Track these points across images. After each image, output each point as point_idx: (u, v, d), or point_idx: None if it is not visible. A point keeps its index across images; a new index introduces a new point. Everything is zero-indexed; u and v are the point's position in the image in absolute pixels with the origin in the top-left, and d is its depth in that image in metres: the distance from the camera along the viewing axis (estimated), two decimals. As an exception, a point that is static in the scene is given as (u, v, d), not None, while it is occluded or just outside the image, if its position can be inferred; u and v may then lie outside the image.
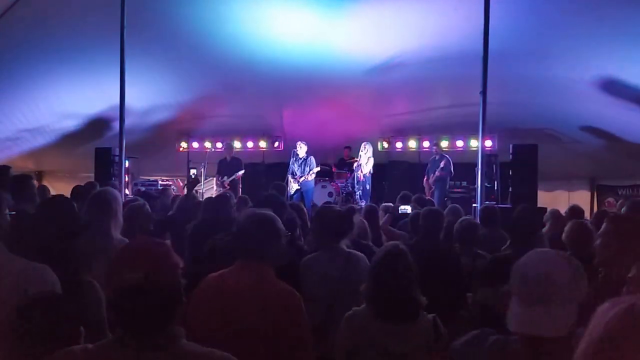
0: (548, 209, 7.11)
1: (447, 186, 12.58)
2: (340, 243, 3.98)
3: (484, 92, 8.45)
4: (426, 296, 3.04)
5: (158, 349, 1.72)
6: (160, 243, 1.87)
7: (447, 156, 12.66)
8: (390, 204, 8.04)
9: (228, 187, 12.12)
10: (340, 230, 4.00)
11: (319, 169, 12.19)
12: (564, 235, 4.54)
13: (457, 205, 7.49)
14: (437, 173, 12.50)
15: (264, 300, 2.64)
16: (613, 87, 10.52)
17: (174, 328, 1.77)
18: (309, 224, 5.52)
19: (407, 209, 7.49)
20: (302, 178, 11.69)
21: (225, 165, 12.87)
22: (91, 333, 2.11)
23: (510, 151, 10.13)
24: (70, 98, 12.00)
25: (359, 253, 4.01)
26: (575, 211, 6.86)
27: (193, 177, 13.98)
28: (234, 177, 12.54)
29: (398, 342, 2.77)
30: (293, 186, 11.59)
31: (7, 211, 2.91)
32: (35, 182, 5.48)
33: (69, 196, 6.27)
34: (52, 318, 2.01)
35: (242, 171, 12.83)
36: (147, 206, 4.82)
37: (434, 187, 12.49)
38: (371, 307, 2.90)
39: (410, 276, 2.94)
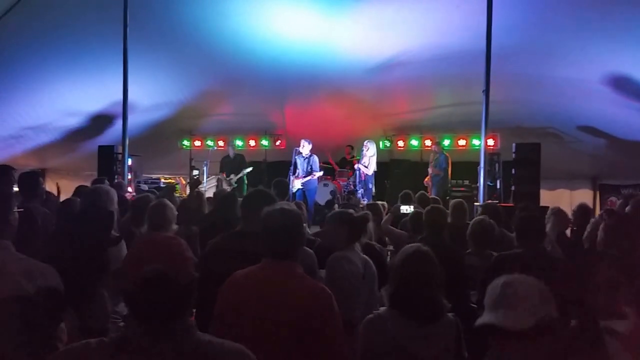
0: (550, 207, 7.06)
1: (448, 184, 12.57)
2: (355, 246, 4.02)
3: (486, 91, 8.45)
4: None
5: (173, 340, 1.76)
6: (175, 238, 1.95)
7: (445, 154, 12.68)
8: (384, 203, 8.03)
9: (235, 185, 12.13)
10: (355, 235, 4.05)
11: (321, 173, 12.21)
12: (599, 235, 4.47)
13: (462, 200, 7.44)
14: (429, 170, 12.64)
15: (297, 298, 2.60)
16: (616, 85, 10.50)
17: (188, 319, 1.83)
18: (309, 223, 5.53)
19: (407, 209, 7.46)
20: (306, 178, 11.70)
21: (229, 163, 12.86)
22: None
23: (513, 150, 10.13)
24: (73, 96, 12.01)
25: (369, 259, 4.03)
26: (583, 209, 6.83)
27: (195, 177, 13.99)
28: (241, 174, 12.52)
29: (423, 345, 2.76)
30: (296, 184, 11.59)
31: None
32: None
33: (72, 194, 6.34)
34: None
35: (250, 168, 12.82)
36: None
37: (431, 183, 12.55)
38: (397, 308, 2.86)
39: (437, 276, 2.93)
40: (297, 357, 2.55)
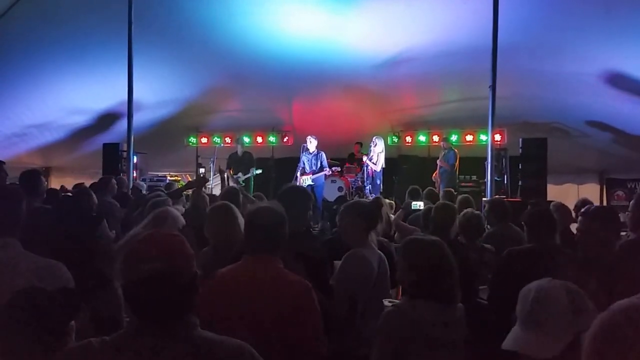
0: (552, 203, 7.00)
1: (456, 179, 12.53)
2: (371, 237, 3.97)
3: (493, 86, 8.44)
4: None
5: (175, 338, 1.74)
6: (175, 235, 1.91)
7: (453, 150, 12.66)
8: (392, 203, 8.04)
9: (243, 184, 12.05)
10: (371, 225, 4.00)
11: (330, 172, 12.23)
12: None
13: (468, 196, 7.41)
14: (438, 163, 12.63)
15: (276, 291, 2.66)
16: (621, 81, 10.48)
17: (190, 317, 1.80)
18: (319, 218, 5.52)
19: (419, 204, 7.45)
20: (317, 175, 11.71)
21: (237, 160, 12.77)
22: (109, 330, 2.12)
23: (520, 145, 10.11)
24: (78, 93, 12.02)
25: (383, 255, 4.00)
26: (585, 204, 6.80)
27: (201, 176, 13.94)
28: (249, 174, 12.42)
29: (447, 330, 2.83)
30: (305, 181, 11.59)
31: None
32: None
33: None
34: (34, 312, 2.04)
35: (259, 171, 12.70)
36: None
37: (440, 179, 12.53)
38: (421, 297, 2.90)
39: (454, 265, 3.04)
40: (278, 348, 2.58)
